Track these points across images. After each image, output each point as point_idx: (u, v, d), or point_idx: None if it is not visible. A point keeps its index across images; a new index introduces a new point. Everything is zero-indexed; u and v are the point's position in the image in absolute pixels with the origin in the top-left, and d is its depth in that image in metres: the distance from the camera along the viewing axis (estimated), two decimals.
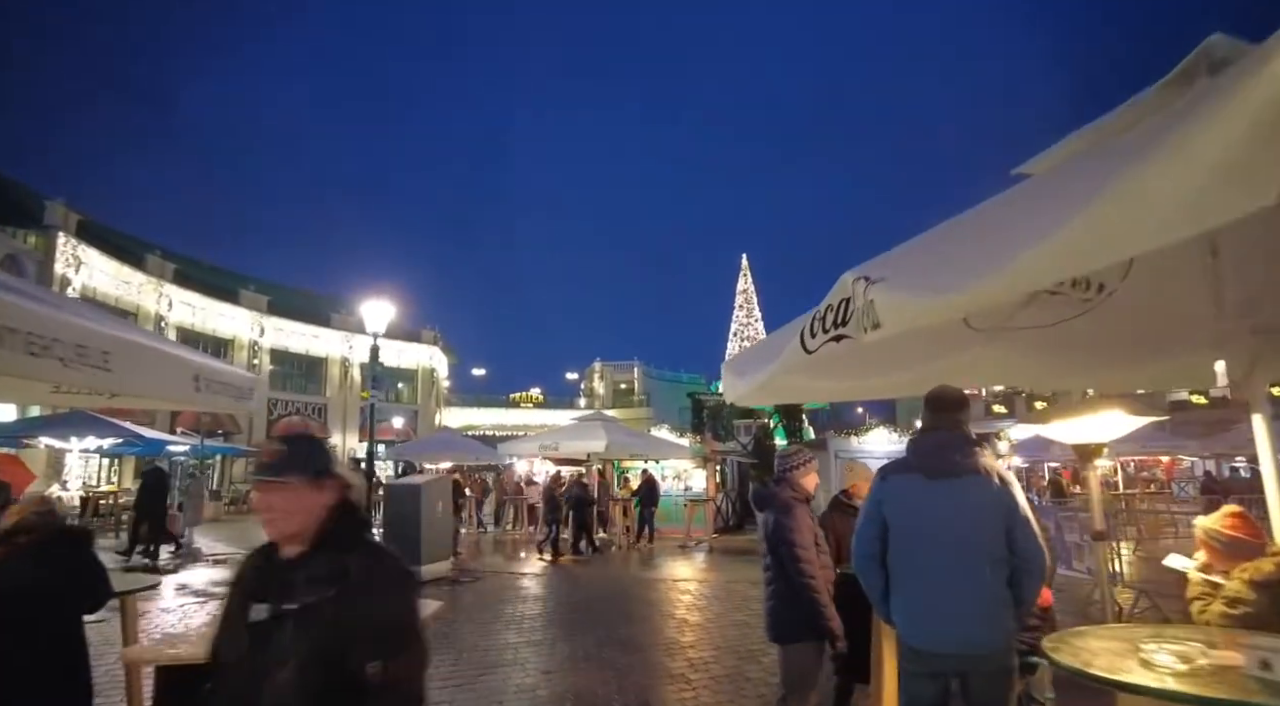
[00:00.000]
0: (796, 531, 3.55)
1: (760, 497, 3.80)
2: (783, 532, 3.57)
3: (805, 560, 3.51)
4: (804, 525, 3.59)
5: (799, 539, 3.54)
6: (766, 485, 3.82)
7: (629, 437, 17.22)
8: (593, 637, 7.09)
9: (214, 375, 4.04)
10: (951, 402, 3.03)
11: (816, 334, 2.88)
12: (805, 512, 3.66)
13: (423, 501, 10.24)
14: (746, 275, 31.73)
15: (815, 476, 3.82)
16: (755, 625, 7.61)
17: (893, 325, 2.40)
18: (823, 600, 3.48)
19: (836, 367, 3.85)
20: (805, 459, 3.81)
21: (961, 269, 2.29)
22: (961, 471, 2.84)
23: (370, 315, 12.03)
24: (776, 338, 3.78)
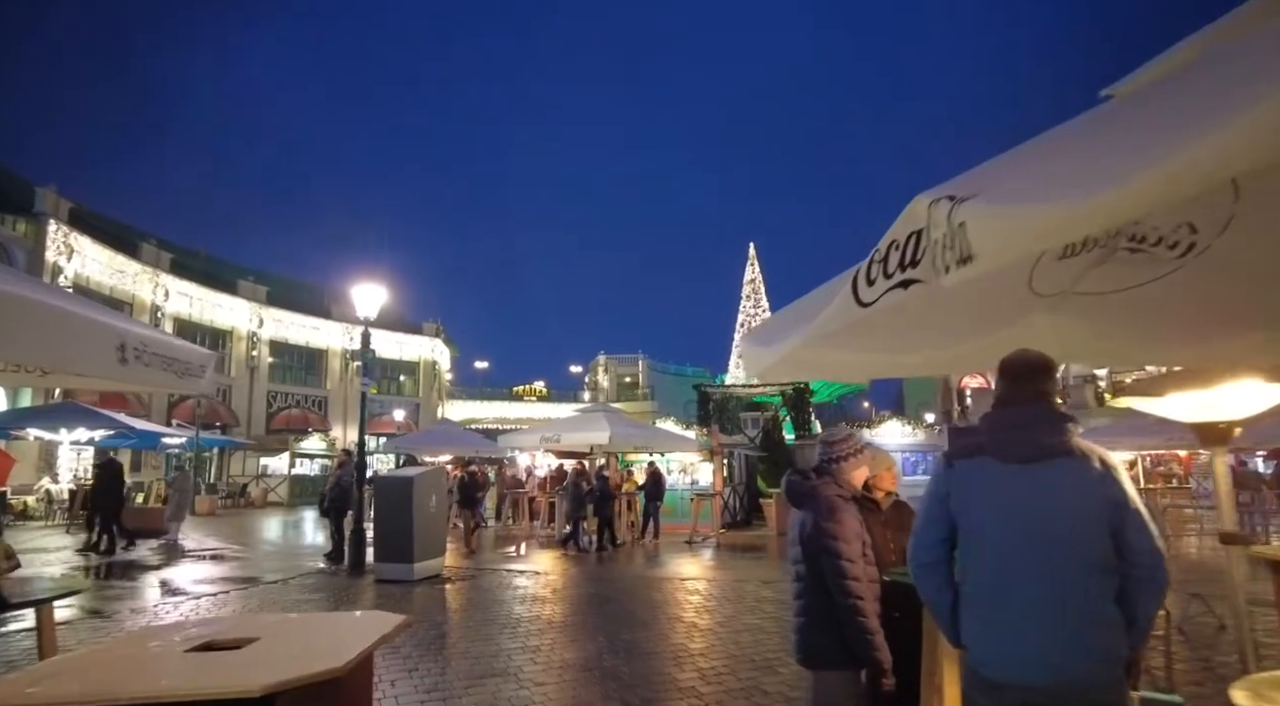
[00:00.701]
0: (842, 539, 2.91)
1: (797, 493, 3.16)
2: (824, 540, 2.93)
3: (851, 576, 2.87)
4: (851, 531, 2.95)
5: (845, 549, 2.90)
6: (806, 477, 3.17)
7: (633, 429, 16.62)
8: (594, 644, 6.49)
9: (148, 346, 3.43)
10: (1034, 368, 2.37)
11: (875, 280, 2.25)
12: (852, 515, 3.02)
13: (414, 495, 9.64)
14: (754, 264, 31.06)
15: (865, 470, 3.19)
16: (770, 630, 7.02)
17: (993, 253, 1.77)
18: (872, 626, 2.84)
19: (881, 335, 3.23)
20: (855, 447, 3.16)
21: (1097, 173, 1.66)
22: (1051, 453, 2.20)
23: (361, 299, 11.40)
24: (812, 299, 3.16)
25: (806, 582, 3.05)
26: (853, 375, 3.87)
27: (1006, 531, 2.17)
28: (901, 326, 3.11)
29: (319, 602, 8.36)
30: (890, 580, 3.19)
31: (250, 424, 32.54)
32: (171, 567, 11.27)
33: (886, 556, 3.33)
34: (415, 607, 8.08)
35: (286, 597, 8.66)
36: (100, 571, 10.89)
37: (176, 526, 15.23)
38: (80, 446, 21.08)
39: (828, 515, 2.97)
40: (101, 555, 12.32)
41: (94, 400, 22.16)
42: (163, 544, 14.18)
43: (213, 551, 13.30)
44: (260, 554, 13.16)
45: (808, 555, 3.02)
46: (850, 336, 2.98)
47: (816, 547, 2.96)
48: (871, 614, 2.87)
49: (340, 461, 12.61)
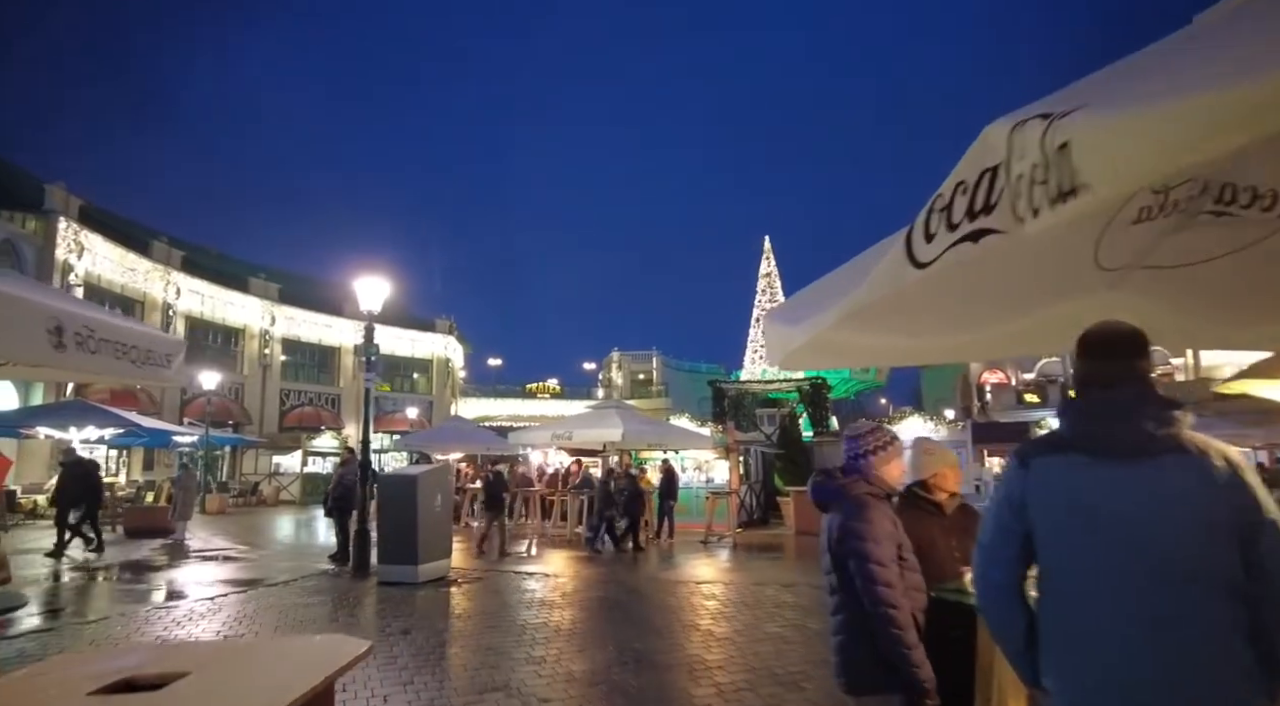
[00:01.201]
0: (871, 539, 2.48)
1: (823, 492, 2.73)
2: (852, 541, 2.50)
3: (883, 581, 2.43)
4: (882, 531, 2.52)
5: (875, 550, 2.47)
6: (831, 475, 2.74)
7: (646, 426, 16.20)
8: (604, 654, 6.08)
9: (95, 330, 3.04)
10: (1128, 341, 1.89)
11: (936, 234, 1.81)
12: (885, 513, 2.59)
13: (418, 494, 9.27)
14: (769, 258, 30.47)
15: (901, 464, 2.74)
16: (792, 640, 6.59)
17: (1108, 178, 1.34)
18: (908, 638, 2.40)
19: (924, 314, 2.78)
20: (886, 439, 2.73)
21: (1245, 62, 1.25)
22: (1158, 448, 1.72)
23: (365, 292, 11.03)
24: (849, 269, 2.71)
25: (840, 594, 2.62)
26: (890, 359, 3.43)
27: (1100, 546, 1.72)
28: (949, 303, 2.66)
29: (318, 606, 8.01)
30: (938, 597, 2.75)
31: (263, 422, 32.44)
32: (172, 569, 10.99)
33: (950, 568, 2.88)
34: (417, 612, 7.71)
35: (285, 601, 8.33)
36: (98, 572, 10.62)
37: (183, 526, 15.00)
38: (91, 444, 20.98)
39: (855, 513, 2.54)
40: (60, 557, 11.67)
41: (104, 398, 22.09)
42: (168, 543, 13.95)
43: (218, 551, 13.03)
44: (266, 554, 12.87)
45: (837, 561, 2.59)
46: (890, 313, 2.53)
47: (845, 550, 2.53)
48: (908, 626, 2.42)
49: (344, 459, 12.26)
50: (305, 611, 7.76)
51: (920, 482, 3.15)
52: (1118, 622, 1.66)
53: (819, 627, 7.21)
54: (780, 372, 28.71)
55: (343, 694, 4.95)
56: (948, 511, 3.11)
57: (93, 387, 23.44)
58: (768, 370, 29.28)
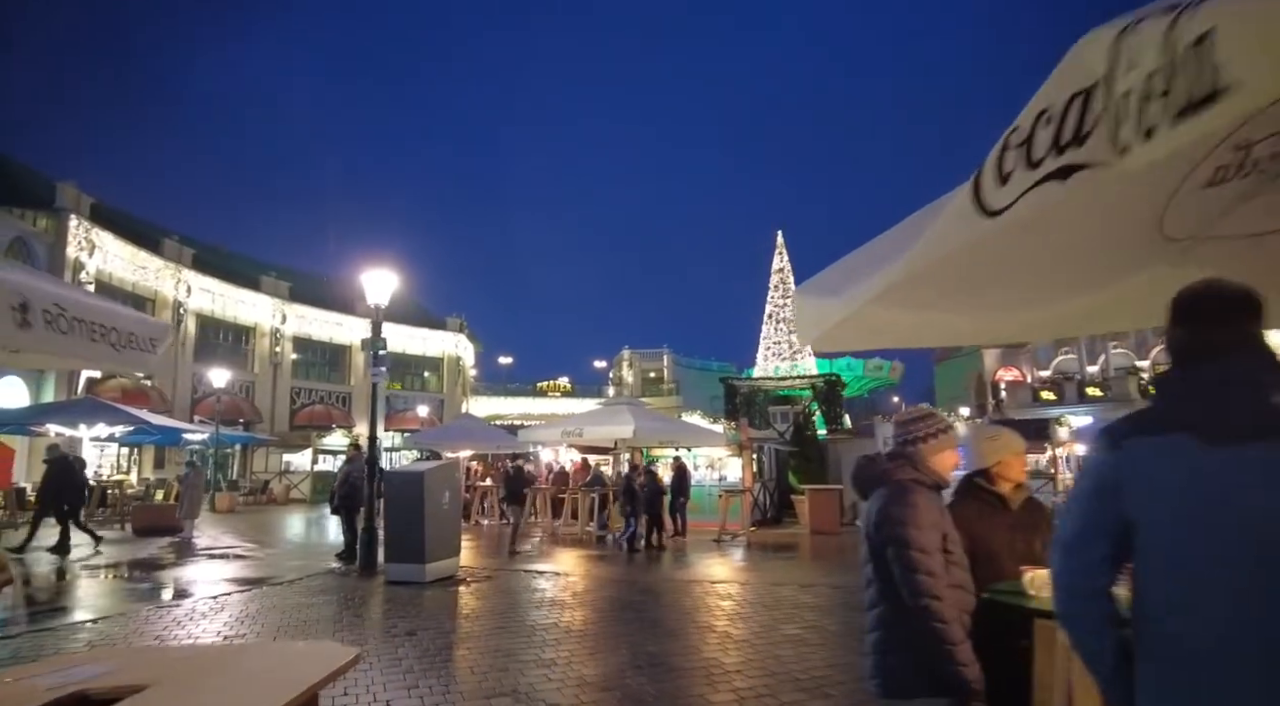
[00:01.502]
0: (913, 524, 2.20)
1: (864, 477, 2.45)
2: (892, 526, 2.23)
3: (925, 569, 2.16)
4: (926, 518, 2.24)
5: (916, 536, 2.19)
6: (874, 460, 2.47)
7: (659, 423, 15.95)
8: (616, 657, 5.82)
9: (66, 309, 2.80)
10: (1239, 304, 1.59)
11: (1012, 173, 1.53)
12: (930, 501, 2.31)
13: (425, 492, 9.05)
14: (782, 253, 30.03)
15: (955, 455, 2.46)
16: (812, 642, 6.31)
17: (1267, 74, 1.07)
18: (953, 633, 2.12)
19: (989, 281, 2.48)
20: (938, 426, 2.44)
21: None
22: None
23: (372, 286, 10.81)
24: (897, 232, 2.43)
25: (878, 587, 2.35)
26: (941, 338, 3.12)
27: (1218, 546, 1.42)
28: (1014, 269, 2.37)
29: (323, 606, 7.80)
30: (991, 599, 2.47)
31: (274, 420, 32.42)
32: (177, 567, 10.82)
33: (1011, 566, 2.60)
34: (424, 612, 7.47)
35: (289, 600, 8.12)
36: (104, 569, 10.47)
37: (190, 523, 14.89)
38: (101, 442, 20.96)
39: (897, 500, 2.28)
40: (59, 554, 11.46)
41: (116, 396, 22.07)
42: (176, 541, 13.82)
43: (225, 549, 12.87)
44: (274, 552, 12.70)
45: (875, 551, 2.31)
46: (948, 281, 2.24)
47: (884, 537, 2.26)
48: (953, 619, 2.14)
49: (349, 456, 12.05)
50: (309, 611, 7.54)
51: (981, 472, 2.84)
52: (1246, 639, 1.36)
53: (838, 629, 6.93)
54: (794, 369, 28.35)
55: (343, 697, 4.73)
56: (1012, 505, 2.80)
57: (104, 385, 23.47)
58: (780, 367, 28.92)
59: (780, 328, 29.10)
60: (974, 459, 2.84)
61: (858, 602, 7.91)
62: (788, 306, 30.46)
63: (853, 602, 8.27)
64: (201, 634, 6.50)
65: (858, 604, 7.89)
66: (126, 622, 6.96)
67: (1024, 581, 2.43)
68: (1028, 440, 3.09)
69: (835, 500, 16.14)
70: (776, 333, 29.44)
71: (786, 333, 28.77)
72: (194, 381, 28.50)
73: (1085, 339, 44.29)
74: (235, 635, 6.46)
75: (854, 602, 8.30)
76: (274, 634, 6.53)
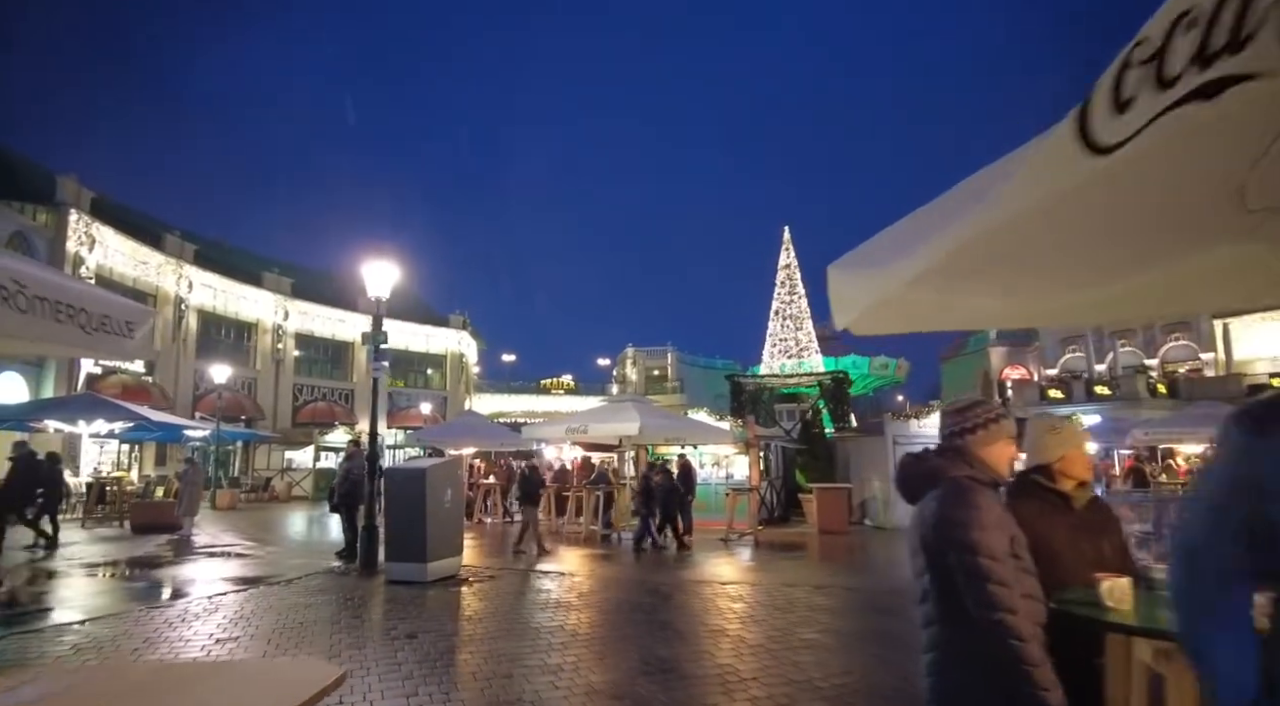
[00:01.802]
0: (978, 528, 1.90)
1: (913, 477, 2.16)
2: (954, 533, 1.92)
3: (996, 579, 1.85)
4: (992, 520, 1.94)
5: (984, 541, 1.88)
6: (923, 457, 2.18)
7: (664, 420, 15.65)
8: (625, 662, 5.56)
9: (26, 286, 2.54)
10: None
11: (1136, 97, 1.25)
12: (994, 503, 2.01)
13: (427, 489, 8.79)
14: (789, 249, 29.66)
15: (1010, 447, 2.16)
16: (832, 646, 6.04)
17: None
18: (1031, 653, 1.82)
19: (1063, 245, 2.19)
20: (988, 415, 2.14)
21: None
22: None
23: (372, 277, 10.55)
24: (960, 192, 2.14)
25: (935, 601, 2.04)
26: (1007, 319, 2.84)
27: None
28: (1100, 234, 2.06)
29: (321, 606, 7.54)
30: (1060, 610, 2.19)
31: (276, 417, 32.20)
32: (174, 566, 10.59)
33: (1080, 573, 2.31)
34: (425, 614, 7.22)
35: (287, 600, 7.87)
36: (99, 568, 10.24)
37: (189, 521, 14.67)
38: (100, 438, 20.76)
39: (957, 500, 1.97)
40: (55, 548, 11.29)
41: (116, 392, 21.87)
42: (174, 539, 13.59)
43: (224, 548, 12.64)
44: (273, 551, 12.46)
45: (933, 560, 2.01)
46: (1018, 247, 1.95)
47: (944, 545, 1.95)
48: (1031, 637, 1.83)
49: (349, 452, 11.79)
50: (307, 612, 7.29)
51: (1041, 468, 2.53)
52: None
53: (856, 633, 6.66)
54: (800, 367, 28.06)
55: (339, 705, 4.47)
56: (1076, 505, 2.51)
57: (105, 381, 23.26)
58: (786, 364, 28.62)
59: (787, 324, 28.80)
60: (1032, 454, 2.56)
61: (874, 605, 7.65)
62: (794, 303, 30.16)
63: (869, 605, 8.00)
64: (193, 636, 6.25)
65: (875, 606, 7.63)
66: (117, 624, 6.71)
67: (1101, 590, 2.15)
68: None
69: (843, 499, 15.87)
70: (783, 329, 29.13)
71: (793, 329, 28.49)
72: (196, 378, 28.30)
73: (1093, 336, 43.94)
74: (228, 637, 6.21)
75: (870, 605, 8.04)
76: (268, 636, 6.27)
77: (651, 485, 12.65)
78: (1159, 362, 40.97)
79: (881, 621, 7.20)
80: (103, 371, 23.99)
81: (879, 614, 7.53)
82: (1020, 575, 1.92)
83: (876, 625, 7.05)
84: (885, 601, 8.13)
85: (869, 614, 7.57)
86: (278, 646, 5.93)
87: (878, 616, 7.43)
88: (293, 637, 6.22)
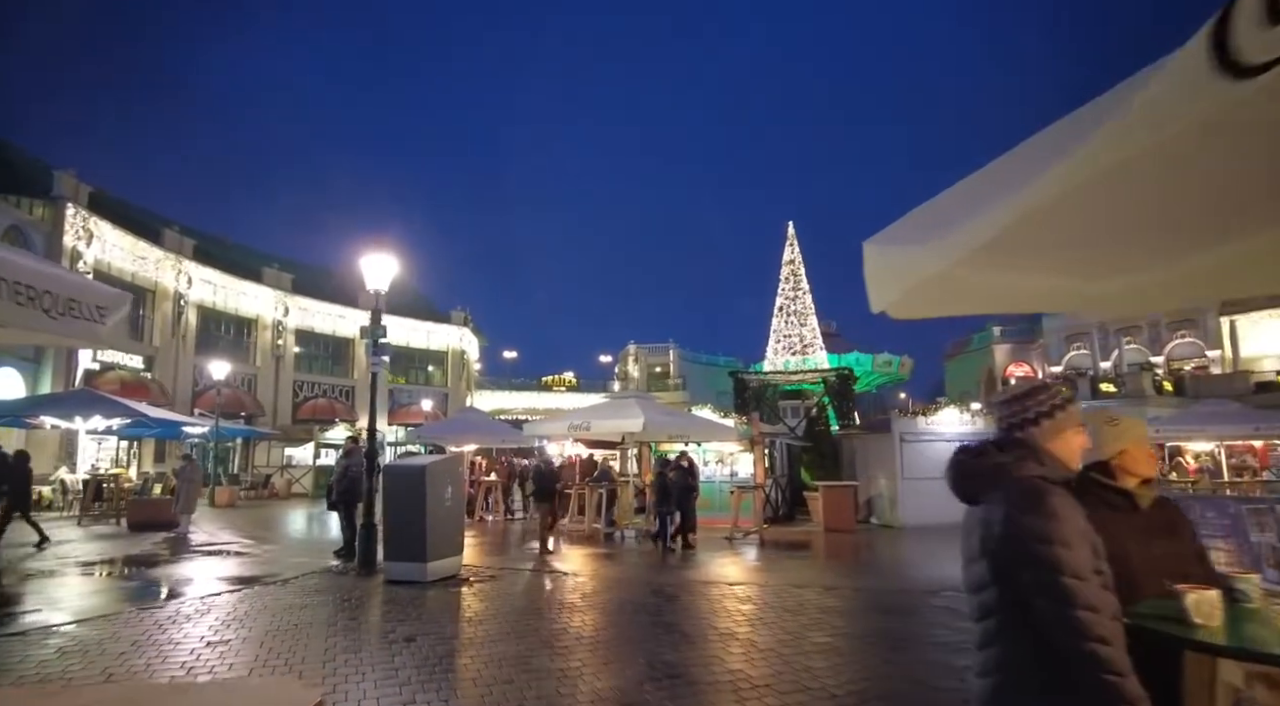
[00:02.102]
0: (1060, 542, 1.63)
1: (972, 474, 1.88)
2: (1034, 549, 1.65)
3: (1085, 603, 1.59)
4: (1074, 529, 1.67)
5: (1069, 558, 1.62)
6: (983, 452, 1.89)
7: (668, 417, 15.43)
8: (632, 668, 5.33)
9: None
10: None
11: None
12: (1074, 510, 1.72)
13: (426, 486, 8.57)
14: (793, 245, 29.35)
15: (1080, 435, 1.90)
16: (845, 651, 5.81)
17: None
18: (1129, 689, 1.56)
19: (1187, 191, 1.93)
20: (1057, 400, 1.87)
21: None
22: None
23: (371, 270, 10.31)
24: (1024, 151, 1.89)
25: (998, 619, 1.77)
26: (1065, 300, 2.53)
27: None
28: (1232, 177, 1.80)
29: (317, 607, 7.32)
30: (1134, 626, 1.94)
31: (276, 414, 32.02)
32: (169, 565, 10.36)
33: (1148, 583, 2.06)
34: (424, 615, 6.99)
35: (282, 601, 7.65)
36: (91, 567, 10.02)
37: (187, 518, 14.48)
38: (98, 435, 20.56)
39: (1033, 507, 1.69)
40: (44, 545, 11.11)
41: (114, 389, 21.66)
42: (170, 537, 13.38)
43: (221, 546, 12.42)
44: (271, 549, 12.24)
45: (1001, 575, 1.74)
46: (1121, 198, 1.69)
47: (1014, 560, 1.68)
48: (1127, 670, 1.56)
49: (347, 449, 11.57)
50: (302, 613, 7.07)
51: (1099, 465, 2.28)
52: None
53: (869, 636, 6.43)
54: (805, 363, 27.81)
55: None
56: (1141, 505, 2.26)
57: (103, 377, 23.06)
58: (791, 361, 28.36)
59: (791, 320, 28.52)
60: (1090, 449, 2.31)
61: (885, 606, 7.37)
62: (799, 298, 29.90)
63: (880, 606, 7.77)
64: (183, 639, 6.03)
65: (885, 607, 7.35)
66: (105, 626, 6.48)
67: (1187, 604, 1.90)
68: None
69: (850, 496, 15.64)
70: (787, 325, 28.86)
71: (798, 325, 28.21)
72: (195, 374, 28.11)
73: (1098, 333, 43.71)
74: (219, 640, 5.98)
75: (881, 606, 7.81)
76: (260, 639, 6.04)
77: (668, 482, 12.42)
78: (1164, 360, 40.72)
79: (893, 623, 6.97)
80: (101, 367, 23.80)
81: (890, 615, 7.30)
82: (1103, 594, 1.66)
83: (888, 626, 6.82)
84: (896, 602, 7.91)
85: (880, 615, 7.34)
86: (270, 650, 5.71)
87: (889, 617, 7.20)
88: (286, 641, 5.99)
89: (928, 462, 16.52)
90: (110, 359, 24.34)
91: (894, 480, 16.27)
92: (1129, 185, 1.55)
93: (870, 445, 17.93)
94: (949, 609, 7.24)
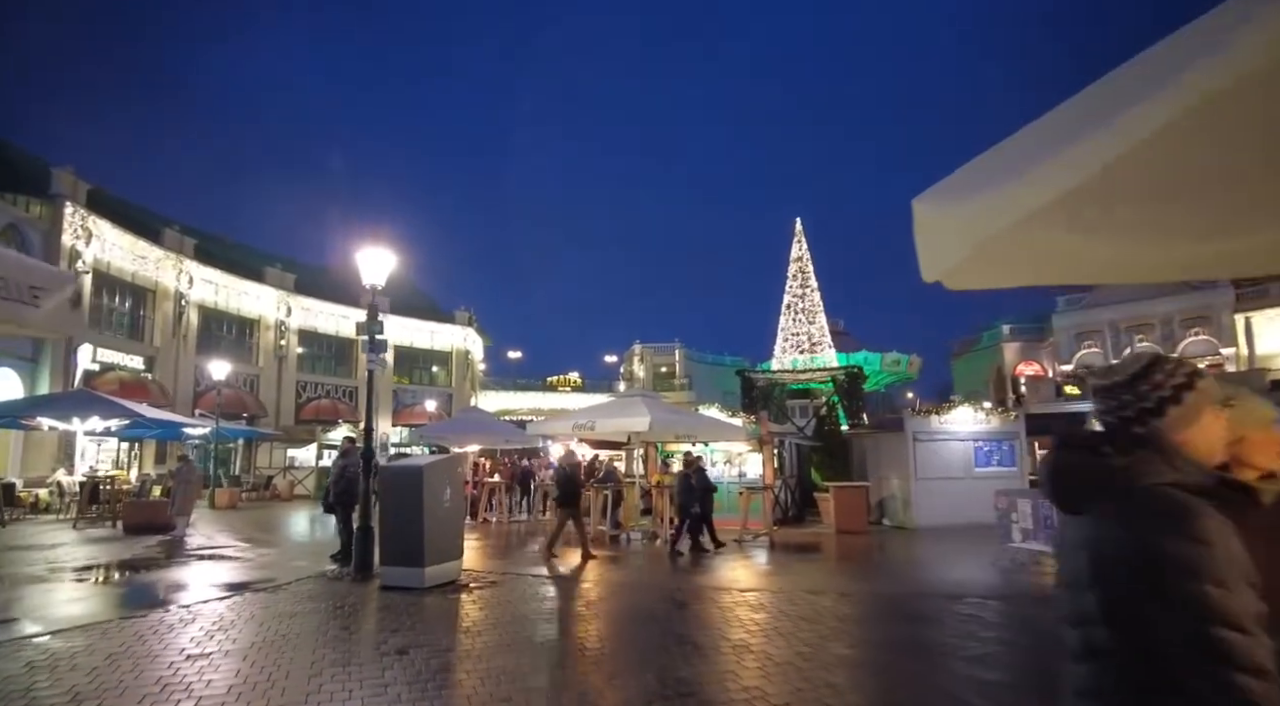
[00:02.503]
0: (1216, 579, 1.23)
1: (1082, 476, 1.45)
2: (1178, 587, 1.24)
3: (1252, 666, 1.19)
4: (1232, 568, 1.25)
5: (1225, 601, 1.22)
6: (1093, 449, 1.47)
7: (675, 416, 15.03)
8: (640, 684, 4.95)
9: None
10: None
11: None
12: (1226, 532, 1.29)
13: (424, 488, 8.21)
14: (801, 241, 28.91)
15: (1220, 416, 1.49)
16: (868, 664, 5.43)
17: None
18: None
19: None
20: (1183, 377, 1.46)
21: None
22: None
23: (367, 265, 9.96)
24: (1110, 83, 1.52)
25: (1113, 661, 1.36)
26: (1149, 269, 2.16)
27: None
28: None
29: (307, 616, 6.96)
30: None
31: (278, 415, 31.77)
32: (159, 569, 10.01)
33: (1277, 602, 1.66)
34: (420, 625, 6.63)
35: (272, 609, 7.30)
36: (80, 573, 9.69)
37: (184, 521, 14.15)
38: (96, 436, 20.29)
39: (1171, 525, 1.28)
40: None
41: (114, 389, 21.39)
42: (166, 540, 13.06)
43: (217, 549, 12.09)
44: (268, 553, 11.89)
45: (1116, 614, 1.35)
46: None
47: (1146, 598, 1.29)
48: None
49: (344, 450, 11.22)
50: (291, 622, 6.71)
51: None
52: None
53: (891, 646, 6.03)
54: (813, 361, 27.37)
55: None
56: (1264, 502, 1.84)
57: (102, 378, 22.80)
58: (799, 359, 27.94)
59: (799, 318, 28.08)
60: None
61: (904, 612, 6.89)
62: (807, 296, 29.45)
63: (899, 612, 7.37)
64: (163, 651, 5.68)
65: (904, 613, 6.88)
66: (82, 637, 6.12)
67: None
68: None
69: (862, 497, 15.22)
70: (795, 324, 28.43)
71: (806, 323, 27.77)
72: (196, 374, 27.86)
73: (1110, 331, 43.14)
74: (200, 653, 5.62)
75: (900, 612, 7.41)
76: (244, 652, 5.68)
77: (692, 484, 12.06)
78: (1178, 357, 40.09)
79: (914, 631, 6.58)
80: (100, 368, 23.55)
81: (910, 622, 6.91)
82: (1269, 647, 1.25)
83: (910, 635, 6.43)
84: (915, 607, 7.51)
85: (900, 622, 6.95)
86: (253, 663, 5.35)
87: (909, 625, 6.81)
88: (271, 653, 5.63)
89: (942, 462, 16.11)
90: (110, 359, 24.11)
91: (907, 480, 15.84)
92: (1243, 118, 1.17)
93: (882, 445, 17.49)
94: (975, 617, 6.84)
